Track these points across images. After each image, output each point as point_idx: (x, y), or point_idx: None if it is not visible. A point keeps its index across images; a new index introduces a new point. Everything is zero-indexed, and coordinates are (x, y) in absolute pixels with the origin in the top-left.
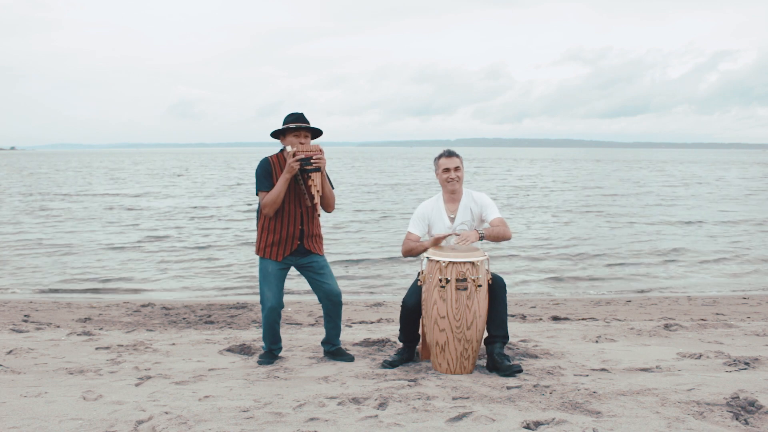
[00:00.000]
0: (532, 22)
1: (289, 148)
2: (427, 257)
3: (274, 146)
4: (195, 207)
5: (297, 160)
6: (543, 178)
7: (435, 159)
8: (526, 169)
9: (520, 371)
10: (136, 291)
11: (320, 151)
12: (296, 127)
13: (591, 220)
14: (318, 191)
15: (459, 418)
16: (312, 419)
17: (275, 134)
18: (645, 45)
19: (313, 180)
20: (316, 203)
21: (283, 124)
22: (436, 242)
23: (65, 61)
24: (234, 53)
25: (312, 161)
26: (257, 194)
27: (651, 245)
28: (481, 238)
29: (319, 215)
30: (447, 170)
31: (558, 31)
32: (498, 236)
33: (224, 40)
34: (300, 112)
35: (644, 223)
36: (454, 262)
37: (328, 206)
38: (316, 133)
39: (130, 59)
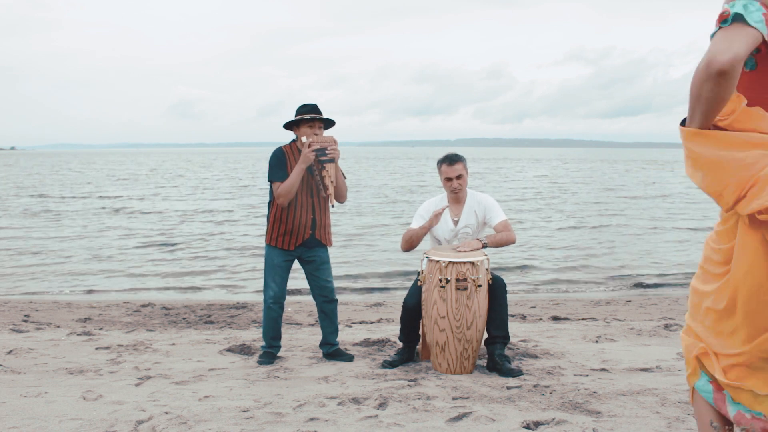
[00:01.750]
0: (532, 22)
1: (304, 139)
2: (427, 257)
3: (274, 145)
4: (203, 210)
5: (312, 151)
6: (559, 179)
7: (438, 163)
8: (535, 170)
9: (521, 373)
10: (136, 291)
11: (334, 142)
12: (311, 117)
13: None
14: (332, 182)
15: (459, 418)
16: (312, 419)
17: (288, 125)
18: (648, 45)
19: (327, 171)
20: (330, 194)
21: (297, 115)
22: (435, 219)
23: (65, 61)
24: (234, 53)
25: (327, 152)
26: (270, 184)
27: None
28: (484, 246)
29: (332, 206)
30: (449, 179)
31: (558, 31)
32: (501, 242)
33: (224, 40)
34: (314, 103)
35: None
36: (454, 262)
37: (341, 197)
38: (329, 123)
39: (130, 59)
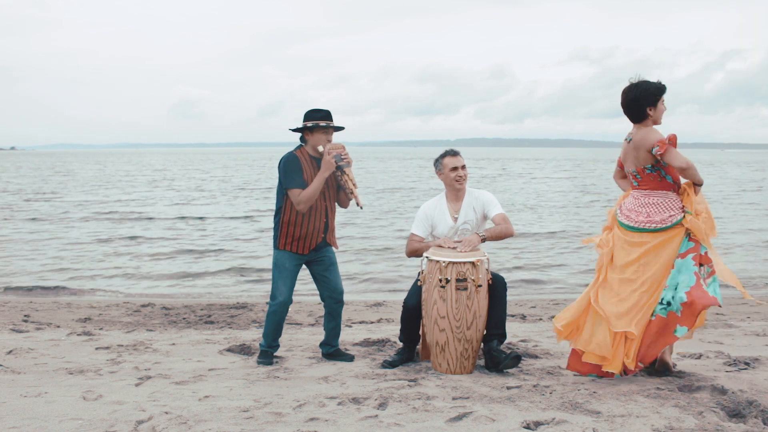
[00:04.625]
0: (535, 21)
1: (320, 149)
2: (427, 257)
3: (274, 145)
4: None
5: (333, 158)
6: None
7: (437, 159)
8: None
9: (519, 358)
10: (136, 290)
11: (344, 148)
12: (326, 125)
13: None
14: (354, 184)
15: (459, 418)
16: (312, 419)
17: (300, 129)
18: (652, 44)
19: (348, 175)
20: (356, 196)
21: (308, 119)
22: (440, 246)
23: (65, 61)
24: (234, 53)
25: (342, 157)
26: (285, 190)
27: None
28: (483, 240)
29: (361, 207)
30: (455, 169)
31: (561, 31)
32: (500, 235)
33: (225, 40)
34: (327, 109)
35: None
36: (454, 262)
37: (347, 202)
38: (337, 129)
39: (130, 59)
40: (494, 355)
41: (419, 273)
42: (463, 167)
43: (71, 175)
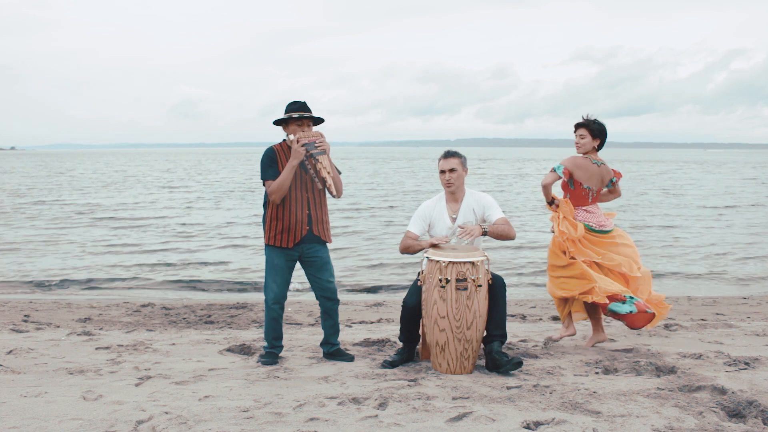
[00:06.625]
0: (536, 21)
1: (291, 137)
2: (427, 257)
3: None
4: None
5: (302, 146)
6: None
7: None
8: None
9: (521, 363)
10: (135, 290)
11: (321, 135)
12: (299, 116)
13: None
14: (329, 173)
15: (459, 418)
16: (312, 419)
17: (278, 122)
18: (656, 44)
19: (321, 163)
20: (329, 185)
21: (285, 113)
22: (434, 246)
23: (65, 61)
24: (235, 53)
25: (316, 145)
26: (263, 183)
27: None
28: (484, 234)
29: (334, 195)
30: (443, 172)
31: (564, 30)
32: (502, 234)
33: (225, 40)
34: (302, 101)
35: None
36: (454, 262)
37: (338, 191)
38: (317, 121)
39: (131, 59)
40: (495, 357)
41: (419, 273)
42: (451, 171)
43: (71, 176)
